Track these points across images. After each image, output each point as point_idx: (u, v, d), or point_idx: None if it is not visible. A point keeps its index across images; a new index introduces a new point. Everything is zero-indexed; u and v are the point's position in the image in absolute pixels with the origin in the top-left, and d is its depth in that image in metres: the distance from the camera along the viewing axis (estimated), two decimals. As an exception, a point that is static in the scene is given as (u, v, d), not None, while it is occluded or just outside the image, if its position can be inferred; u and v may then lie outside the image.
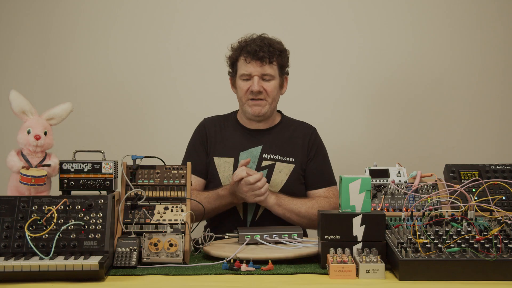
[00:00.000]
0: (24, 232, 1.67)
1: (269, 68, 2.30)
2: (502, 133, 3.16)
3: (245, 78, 2.31)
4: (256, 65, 2.28)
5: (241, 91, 2.33)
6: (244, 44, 2.33)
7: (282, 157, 2.35)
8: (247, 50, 2.29)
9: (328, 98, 3.16)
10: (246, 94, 2.32)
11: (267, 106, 2.34)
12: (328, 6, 3.16)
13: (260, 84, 2.29)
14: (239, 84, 2.34)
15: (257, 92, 2.29)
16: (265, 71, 2.30)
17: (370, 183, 1.72)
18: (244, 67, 2.30)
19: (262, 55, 2.27)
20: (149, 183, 1.93)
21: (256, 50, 2.27)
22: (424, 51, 3.17)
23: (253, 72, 2.29)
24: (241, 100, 2.36)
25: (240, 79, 2.33)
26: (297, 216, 2.22)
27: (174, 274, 1.64)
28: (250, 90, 2.30)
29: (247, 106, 2.34)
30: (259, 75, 2.29)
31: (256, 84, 2.28)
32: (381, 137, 3.15)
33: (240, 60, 2.33)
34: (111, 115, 3.13)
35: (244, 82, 2.32)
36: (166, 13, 3.16)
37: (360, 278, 1.57)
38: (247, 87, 2.31)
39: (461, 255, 1.59)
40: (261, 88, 2.29)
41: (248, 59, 2.28)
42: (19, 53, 3.13)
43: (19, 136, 1.82)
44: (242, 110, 2.39)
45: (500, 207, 1.95)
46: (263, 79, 2.30)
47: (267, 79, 2.31)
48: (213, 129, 2.43)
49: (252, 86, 2.29)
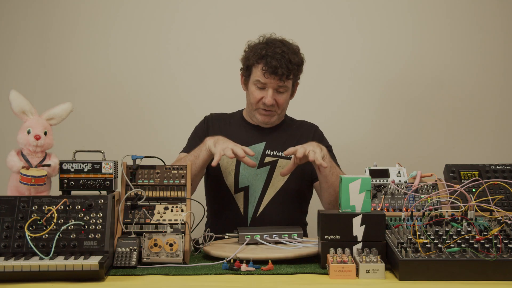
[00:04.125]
0: (24, 232, 1.67)
1: (285, 82, 2.31)
2: (502, 133, 3.16)
3: (259, 86, 2.31)
4: (273, 80, 2.28)
5: (253, 98, 2.33)
6: (265, 53, 2.27)
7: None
8: (267, 62, 2.25)
9: (328, 98, 3.16)
10: (258, 103, 2.33)
11: (276, 116, 2.36)
12: (330, 6, 3.17)
13: (274, 96, 2.29)
14: (251, 90, 2.34)
15: (270, 105, 2.30)
16: (281, 84, 2.30)
17: (370, 183, 1.72)
18: (261, 77, 2.28)
19: (282, 73, 2.25)
20: (149, 183, 1.93)
21: (276, 66, 2.24)
22: (424, 52, 3.17)
23: (269, 84, 2.29)
24: (251, 105, 2.36)
25: (253, 85, 2.32)
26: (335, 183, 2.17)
27: (174, 274, 1.64)
28: (262, 102, 2.31)
29: (257, 113, 2.36)
30: (274, 87, 2.29)
31: (270, 97, 2.28)
32: (381, 137, 3.15)
33: (257, 67, 2.30)
34: (111, 115, 3.13)
35: (258, 90, 2.31)
36: (166, 13, 3.16)
37: (360, 278, 1.57)
38: (260, 97, 2.31)
39: (461, 255, 1.59)
40: (274, 101, 2.30)
41: (266, 74, 2.27)
42: (19, 53, 3.13)
43: (19, 136, 1.82)
44: (251, 114, 2.40)
45: (500, 207, 1.95)
46: (278, 91, 2.31)
47: (281, 91, 2.32)
48: (217, 124, 2.45)
49: (265, 98, 2.29)
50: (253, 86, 2.33)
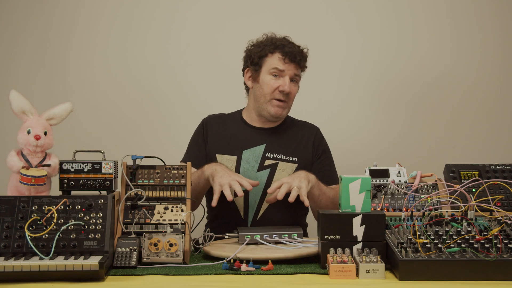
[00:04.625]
0: (24, 232, 1.67)
1: (300, 71, 2.35)
2: (502, 133, 3.16)
3: (275, 74, 2.30)
4: (292, 67, 2.30)
5: (269, 88, 2.31)
6: (280, 43, 2.32)
7: (285, 157, 2.35)
8: (286, 51, 2.29)
9: (328, 98, 3.16)
10: (274, 93, 2.31)
11: (287, 109, 2.37)
12: (330, 6, 3.17)
13: (290, 85, 2.30)
14: (266, 79, 2.32)
15: (286, 93, 2.30)
16: (297, 73, 2.33)
17: (370, 183, 1.71)
18: (279, 64, 2.30)
19: (299, 60, 2.31)
20: (149, 183, 1.93)
21: (294, 53, 2.29)
22: (424, 52, 3.17)
23: (287, 71, 2.30)
24: (264, 96, 2.33)
25: (269, 74, 2.31)
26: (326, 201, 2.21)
27: (174, 274, 1.64)
28: (279, 90, 2.30)
29: (269, 105, 2.33)
30: (291, 76, 2.31)
31: (288, 85, 2.29)
32: (381, 137, 3.15)
33: (274, 57, 2.31)
34: (111, 115, 3.13)
35: (274, 78, 2.31)
36: (166, 13, 3.16)
37: (360, 278, 1.57)
38: (276, 85, 2.30)
39: (461, 255, 1.59)
40: (290, 90, 2.30)
41: (286, 60, 2.29)
42: (19, 53, 3.14)
43: (19, 136, 1.82)
44: (260, 107, 2.36)
45: (500, 207, 1.95)
46: (293, 80, 2.32)
47: (296, 80, 2.34)
48: (216, 126, 2.43)
49: (282, 86, 2.29)
50: (268, 76, 2.31)
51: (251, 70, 2.38)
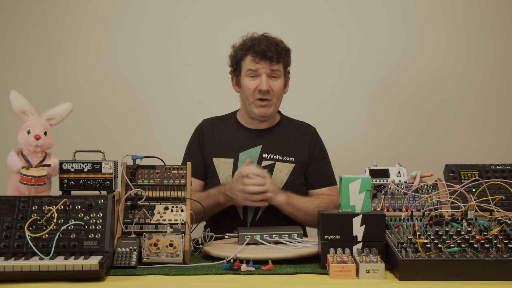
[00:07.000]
0: (24, 232, 1.67)
1: (277, 66, 2.31)
2: (502, 133, 3.16)
3: (252, 75, 2.30)
4: (265, 65, 2.29)
5: (248, 90, 2.32)
6: (251, 43, 2.31)
7: (282, 157, 2.35)
8: (255, 50, 2.28)
9: (328, 98, 3.16)
10: (254, 94, 2.31)
11: (272, 107, 2.34)
12: (329, 6, 3.16)
13: (268, 83, 2.29)
14: (245, 82, 2.32)
15: (265, 91, 2.29)
16: (273, 68, 2.30)
17: (370, 183, 1.71)
18: (252, 64, 2.29)
19: (271, 55, 2.27)
20: (149, 183, 1.93)
21: (265, 50, 2.27)
22: (424, 52, 3.17)
23: (261, 69, 2.29)
24: (247, 99, 2.34)
25: (246, 76, 2.32)
26: (305, 215, 2.23)
27: (174, 274, 1.64)
28: (258, 89, 2.29)
29: (253, 106, 2.33)
30: (267, 73, 2.29)
31: (265, 83, 2.28)
32: (381, 137, 3.15)
33: (246, 59, 2.32)
34: (111, 115, 3.13)
35: (251, 79, 2.31)
36: (166, 13, 3.16)
37: (360, 278, 1.57)
38: (254, 86, 2.30)
39: (461, 255, 1.59)
40: (269, 87, 2.29)
41: (257, 59, 2.28)
42: (19, 53, 3.14)
43: (19, 136, 1.82)
44: (247, 110, 2.37)
45: (500, 207, 1.95)
46: (272, 76, 2.31)
47: (276, 75, 2.31)
48: (211, 130, 2.43)
49: (260, 85, 2.28)
50: (246, 78, 2.32)
51: (233, 76, 2.40)
